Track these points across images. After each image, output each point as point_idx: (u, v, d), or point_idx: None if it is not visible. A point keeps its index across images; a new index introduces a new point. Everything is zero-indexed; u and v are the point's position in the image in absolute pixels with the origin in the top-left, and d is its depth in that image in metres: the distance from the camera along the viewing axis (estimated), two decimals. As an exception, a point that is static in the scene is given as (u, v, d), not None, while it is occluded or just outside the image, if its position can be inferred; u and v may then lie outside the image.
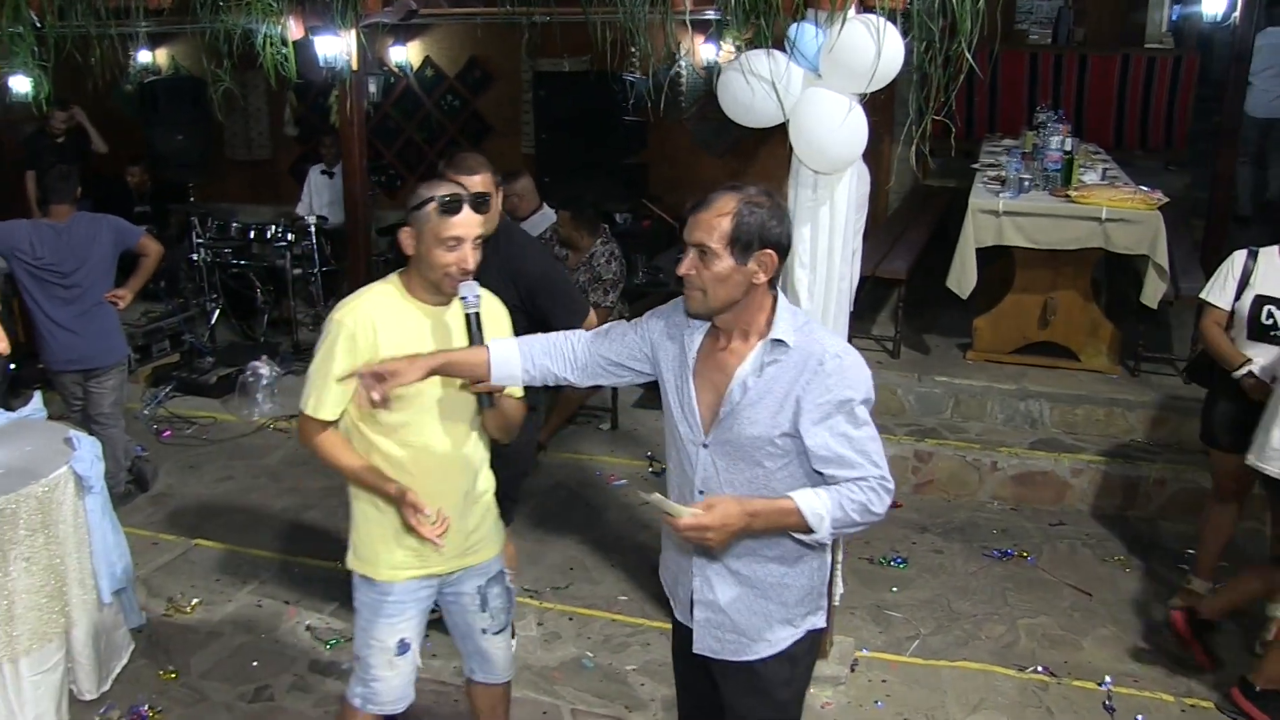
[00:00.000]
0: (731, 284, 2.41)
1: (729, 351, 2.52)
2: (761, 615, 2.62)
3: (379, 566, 3.04)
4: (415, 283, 2.93)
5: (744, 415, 2.47)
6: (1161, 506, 5.66)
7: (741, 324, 2.50)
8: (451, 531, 2.96)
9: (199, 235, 8.32)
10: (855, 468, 2.41)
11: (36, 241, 5.25)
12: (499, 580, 3.21)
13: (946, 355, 6.66)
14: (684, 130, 9.49)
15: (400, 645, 3.09)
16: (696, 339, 2.57)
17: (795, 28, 3.38)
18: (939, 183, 8.97)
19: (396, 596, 3.05)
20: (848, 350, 2.49)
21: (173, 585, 4.98)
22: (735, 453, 2.50)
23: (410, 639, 3.11)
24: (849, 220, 3.60)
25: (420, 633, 3.17)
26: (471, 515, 3.08)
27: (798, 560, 2.59)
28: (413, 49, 10.31)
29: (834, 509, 2.39)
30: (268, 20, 5.71)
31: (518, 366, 2.71)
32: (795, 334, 2.45)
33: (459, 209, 2.76)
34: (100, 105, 9.01)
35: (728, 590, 2.61)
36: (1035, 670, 4.36)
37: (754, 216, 2.39)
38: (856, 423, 2.42)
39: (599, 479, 6.08)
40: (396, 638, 3.08)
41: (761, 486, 2.50)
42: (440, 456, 2.98)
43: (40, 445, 4.06)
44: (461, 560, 3.10)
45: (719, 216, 2.40)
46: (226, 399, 7.26)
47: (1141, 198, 6.04)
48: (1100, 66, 9.30)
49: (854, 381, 2.43)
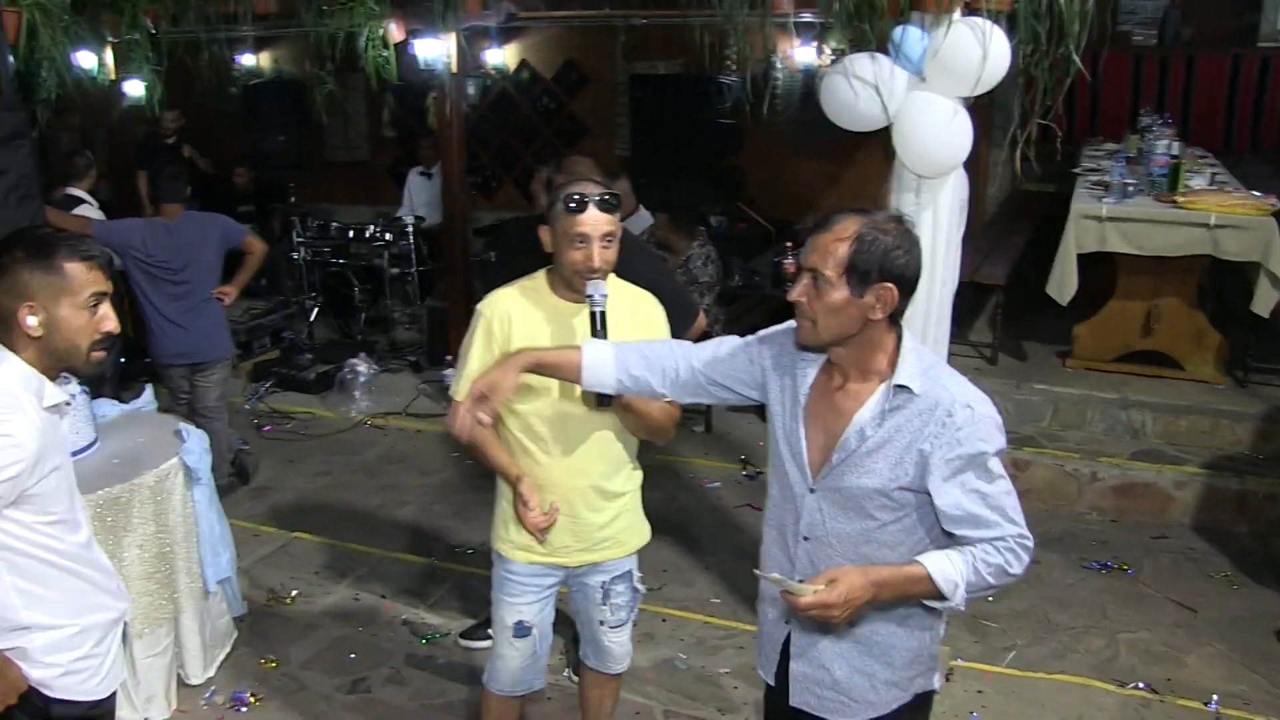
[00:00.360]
0: (845, 317, 2.21)
1: (845, 392, 2.32)
2: (865, 675, 2.41)
3: (503, 542, 3.16)
4: (557, 279, 2.98)
5: (860, 465, 2.28)
6: (1272, 522, 5.48)
7: (859, 362, 2.29)
8: (578, 527, 3.05)
9: (299, 234, 8.51)
10: (991, 527, 2.22)
11: (149, 239, 5.42)
12: (626, 579, 3.24)
13: (1045, 363, 6.54)
14: (779, 133, 9.45)
15: (518, 627, 3.18)
16: (810, 374, 2.38)
17: (900, 30, 3.36)
18: (1038, 187, 8.78)
19: (518, 576, 3.15)
20: (980, 399, 2.28)
21: (273, 577, 5.10)
22: (845, 502, 2.32)
23: (530, 623, 3.19)
24: (951, 225, 3.56)
25: (544, 621, 3.23)
26: (602, 513, 3.10)
27: (908, 619, 2.38)
28: (509, 51, 10.43)
29: (969, 573, 2.21)
30: (370, 23, 5.83)
31: (610, 374, 2.58)
32: (921, 379, 2.24)
33: (584, 208, 2.79)
34: (206, 108, 9.26)
35: (830, 644, 2.42)
36: (1136, 686, 4.26)
37: (876, 245, 2.17)
38: (990, 478, 2.23)
39: (692, 481, 6.09)
40: (515, 618, 3.18)
41: (871, 538, 2.32)
42: (567, 449, 3.02)
43: (151, 437, 4.20)
44: (587, 555, 3.14)
45: (837, 241, 2.19)
46: (325, 395, 7.42)
47: (1254, 203, 5.88)
48: (1209, 67, 9.04)
49: (986, 433, 2.23)
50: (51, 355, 2.38)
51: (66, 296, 2.34)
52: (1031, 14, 3.37)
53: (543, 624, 3.24)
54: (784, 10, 4.22)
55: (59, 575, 2.44)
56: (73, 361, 2.41)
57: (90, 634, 2.51)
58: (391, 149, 11.14)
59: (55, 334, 2.35)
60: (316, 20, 5.85)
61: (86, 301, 2.37)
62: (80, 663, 2.49)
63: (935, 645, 2.49)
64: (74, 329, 2.36)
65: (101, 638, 2.55)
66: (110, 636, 2.60)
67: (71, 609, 2.47)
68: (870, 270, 2.17)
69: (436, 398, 7.31)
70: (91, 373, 2.49)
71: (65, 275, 2.34)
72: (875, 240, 2.18)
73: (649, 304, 3.10)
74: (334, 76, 5.82)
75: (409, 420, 7.07)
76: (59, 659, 2.45)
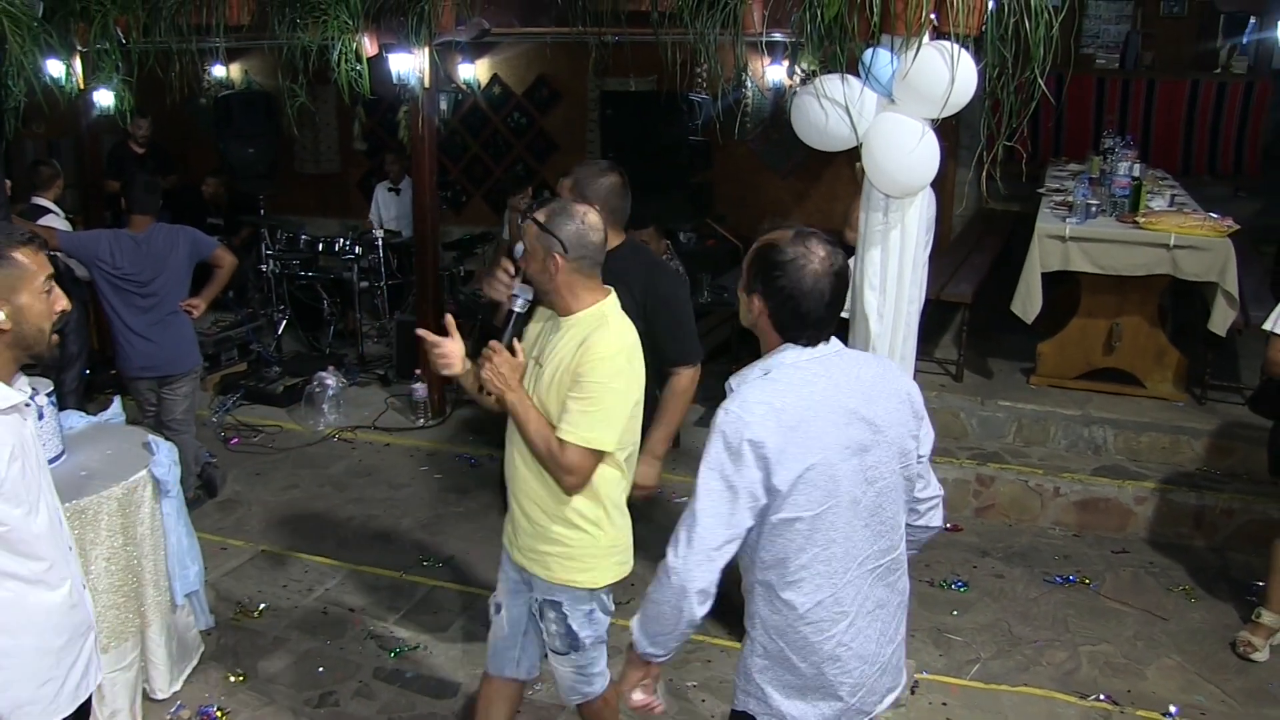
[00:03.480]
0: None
1: None
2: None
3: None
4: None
5: None
6: (1228, 537, 5.58)
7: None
8: (516, 519, 3.17)
9: (268, 247, 8.49)
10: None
11: (117, 251, 5.38)
12: (555, 609, 3.15)
13: (1010, 379, 6.63)
14: (749, 150, 9.53)
15: (495, 605, 3.33)
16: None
17: (870, 52, 3.41)
18: (1003, 207, 8.90)
19: (501, 559, 3.29)
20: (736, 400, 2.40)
21: (240, 590, 5.08)
22: None
23: (501, 604, 3.30)
24: (919, 243, 3.62)
25: (514, 609, 3.29)
26: (536, 521, 3.09)
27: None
28: (481, 67, 10.46)
29: None
30: (344, 37, 5.85)
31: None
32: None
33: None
34: (177, 118, 9.23)
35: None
36: (1098, 698, 4.32)
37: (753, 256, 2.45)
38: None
39: (660, 496, 6.10)
40: (494, 598, 3.35)
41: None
42: (512, 450, 3.13)
43: (119, 449, 4.18)
44: (520, 557, 3.18)
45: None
46: (293, 408, 7.39)
47: (1211, 224, 5.99)
48: (1169, 91, 9.21)
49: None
50: (20, 344, 2.42)
51: (24, 284, 2.39)
52: (998, 38, 3.44)
53: (513, 613, 3.28)
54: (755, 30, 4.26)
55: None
56: (39, 346, 2.44)
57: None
58: (362, 162, 11.13)
59: (22, 323, 2.39)
60: (289, 33, 5.85)
61: (42, 286, 2.42)
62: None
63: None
64: (37, 314, 2.41)
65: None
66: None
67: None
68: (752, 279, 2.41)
69: (405, 411, 7.31)
70: (53, 355, 2.52)
71: (18, 264, 2.38)
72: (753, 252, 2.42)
73: (607, 341, 2.94)
74: (305, 89, 5.82)
75: (377, 434, 7.06)
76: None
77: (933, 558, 5.42)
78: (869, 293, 3.61)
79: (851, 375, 2.39)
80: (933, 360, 6.80)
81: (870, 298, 3.60)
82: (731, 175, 9.57)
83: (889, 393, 2.43)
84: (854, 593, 2.40)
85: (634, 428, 3.05)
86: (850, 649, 2.42)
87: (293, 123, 6.20)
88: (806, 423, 2.29)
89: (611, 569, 3.19)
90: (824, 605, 2.38)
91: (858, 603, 2.41)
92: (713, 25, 4.07)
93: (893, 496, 2.43)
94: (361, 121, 10.88)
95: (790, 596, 2.38)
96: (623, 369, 2.91)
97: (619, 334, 2.97)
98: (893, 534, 2.46)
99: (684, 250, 7.98)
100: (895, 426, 2.41)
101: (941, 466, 5.95)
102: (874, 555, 2.41)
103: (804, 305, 2.32)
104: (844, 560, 2.37)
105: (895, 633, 2.52)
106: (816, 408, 2.31)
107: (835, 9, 3.46)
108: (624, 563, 3.24)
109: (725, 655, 4.55)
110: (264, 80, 10.67)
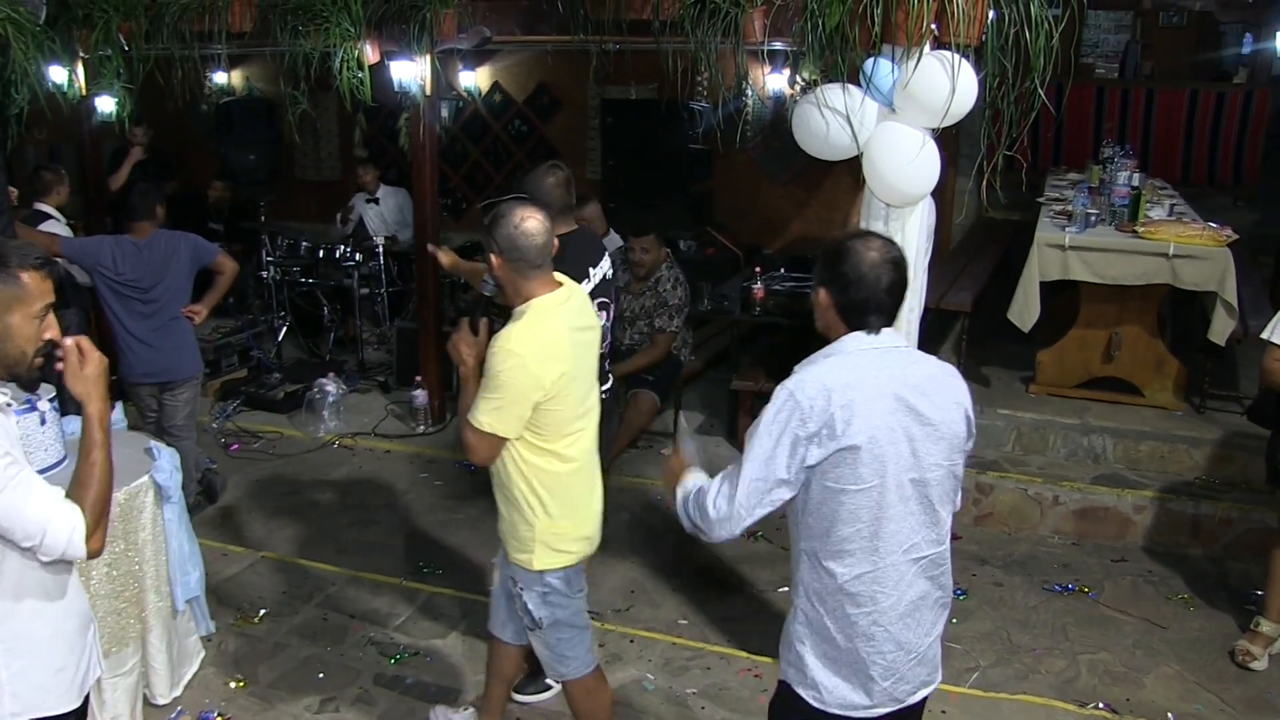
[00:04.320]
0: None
1: None
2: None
3: None
4: None
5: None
6: (1227, 546, 5.59)
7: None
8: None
9: (269, 253, 8.50)
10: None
11: (119, 257, 5.39)
12: (514, 584, 3.40)
13: (1009, 388, 6.63)
14: (749, 159, 9.55)
15: (494, 564, 3.65)
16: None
17: (870, 62, 3.43)
18: (1003, 215, 8.91)
19: None
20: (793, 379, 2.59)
21: (241, 596, 5.08)
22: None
23: (496, 565, 3.61)
24: (918, 252, 3.63)
25: (499, 575, 3.60)
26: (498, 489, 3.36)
27: None
28: (482, 74, 10.47)
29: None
30: (345, 44, 5.86)
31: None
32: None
33: None
34: (179, 124, 9.25)
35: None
36: (1097, 706, 4.32)
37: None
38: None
39: (658, 503, 6.12)
40: (496, 557, 3.63)
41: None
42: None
43: (121, 454, 4.11)
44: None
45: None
46: (293, 415, 7.40)
47: (1210, 234, 6.00)
48: (1168, 101, 9.24)
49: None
50: (1, 362, 2.40)
51: (20, 305, 2.37)
52: (998, 48, 3.46)
53: (498, 578, 3.56)
54: (756, 39, 4.28)
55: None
56: (19, 369, 2.43)
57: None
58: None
59: (6, 341, 2.38)
60: (291, 40, 5.87)
61: (38, 312, 2.41)
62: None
63: None
64: (24, 337, 2.39)
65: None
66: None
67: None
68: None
69: (405, 418, 7.31)
70: (32, 379, 2.49)
71: (20, 285, 2.37)
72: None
73: (513, 335, 3.16)
74: (307, 96, 5.83)
75: (377, 440, 7.06)
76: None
77: (932, 566, 5.43)
78: (869, 301, 3.62)
79: (907, 368, 2.52)
80: (932, 368, 6.79)
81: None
82: (732, 184, 9.59)
83: (943, 392, 2.55)
84: (896, 577, 2.49)
85: (555, 422, 3.18)
86: (887, 631, 2.50)
87: (294, 129, 6.22)
88: (856, 403, 2.40)
89: (550, 555, 3.31)
90: (863, 580, 2.48)
91: (900, 589, 2.50)
92: (714, 34, 4.09)
93: (940, 492, 2.53)
94: (363, 129, 10.89)
95: (832, 565, 2.50)
96: (520, 364, 3.06)
97: (530, 329, 3.13)
98: (939, 528, 2.55)
99: (684, 258, 7.98)
100: (947, 425, 2.52)
101: (941, 475, 5.95)
102: (919, 545, 2.51)
103: (863, 291, 2.47)
104: (888, 541, 2.47)
105: (933, 626, 2.61)
106: (867, 390, 2.43)
107: (836, 19, 3.48)
108: (568, 553, 3.36)
109: (725, 663, 4.56)
110: (265, 87, 10.69)
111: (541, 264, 3.17)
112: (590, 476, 3.41)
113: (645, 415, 6.41)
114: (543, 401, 3.11)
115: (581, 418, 3.28)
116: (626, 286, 6.42)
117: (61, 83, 6.27)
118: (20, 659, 2.43)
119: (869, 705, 2.53)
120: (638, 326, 6.41)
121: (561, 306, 3.22)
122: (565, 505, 3.29)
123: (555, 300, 3.21)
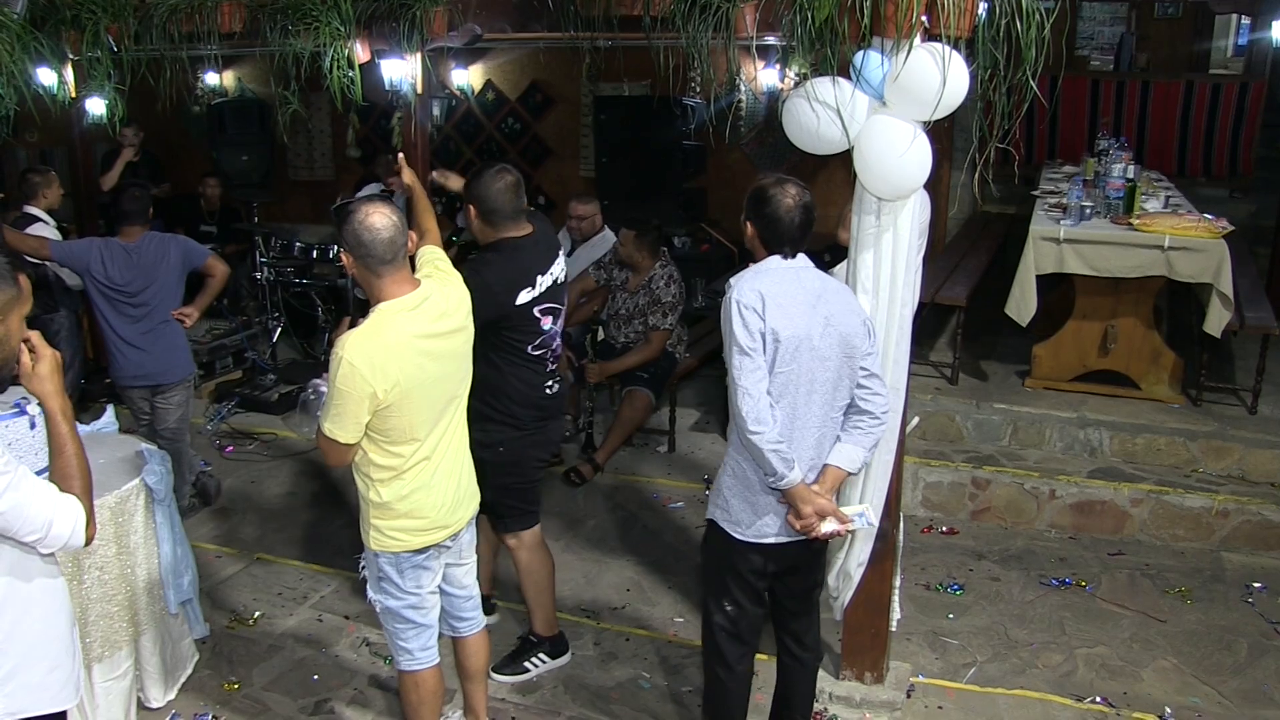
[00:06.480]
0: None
1: None
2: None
3: None
4: None
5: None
6: (1224, 538, 5.58)
7: None
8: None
9: (262, 254, 8.47)
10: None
11: (108, 260, 5.36)
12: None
13: (1005, 382, 6.62)
14: (743, 155, 9.53)
15: None
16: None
17: (860, 55, 3.40)
18: (998, 209, 8.93)
19: None
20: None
21: (235, 598, 5.07)
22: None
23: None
24: (911, 246, 3.61)
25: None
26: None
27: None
28: (474, 72, 10.45)
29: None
30: (335, 44, 5.83)
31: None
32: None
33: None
34: (170, 126, 9.22)
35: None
36: (1094, 700, 4.31)
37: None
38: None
39: (656, 501, 6.11)
40: None
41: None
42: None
43: (113, 458, 4.16)
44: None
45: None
46: (287, 416, 7.37)
47: (1206, 226, 5.99)
48: (1163, 93, 9.23)
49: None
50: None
51: (18, 309, 2.40)
52: (990, 40, 3.43)
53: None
54: (747, 34, 4.25)
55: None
56: (4, 371, 2.44)
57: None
58: (356, 169, 11.10)
59: (4, 345, 2.39)
60: (281, 40, 5.84)
61: (26, 314, 2.44)
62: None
63: None
64: (15, 340, 2.42)
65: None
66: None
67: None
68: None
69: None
70: (3, 383, 2.49)
71: (20, 289, 2.40)
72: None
73: (346, 340, 3.14)
74: (298, 96, 5.80)
75: (372, 440, 7.03)
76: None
77: (928, 561, 5.43)
78: (862, 296, 3.59)
79: (816, 282, 3.27)
80: (928, 363, 6.80)
81: (863, 300, 3.59)
82: (725, 179, 9.56)
83: (841, 301, 3.30)
84: (800, 444, 3.25)
85: (397, 429, 3.20)
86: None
87: (286, 130, 6.18)
88: (784, 305, 3.15)
89: (381, 538, 3.37)
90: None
91: (804, 448, 3.28)
92: (705, 29, 4.05)
93: (838, 375, 3.26)
94: (355, 128, 10.87)
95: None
96: (351, 371, 3.05)
97: (367, 336, 3.12)
98: (836, 406, 3.31)
99: (678, 255, 7.96)
100: (845, 324, 3.24)
101: (937, 470, 5.95)
102: (823, 418, 3.29)
103: (781, 227, 3.25)
104: (801, 411, 3.23)
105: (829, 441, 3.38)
106: (791, 295, 3.19)
107: (825, 12, 3.44)
108: (396, 540, 3.37)
109: (721, 660, 4.53)
110: (257, 88, 10.67)
111: (390, 260, 3.15)
112: (439, 471, 3.38)
113: (640, 413, 6.40)
114: (380, 409, 3.11)
115: (434, 424, 3.29)
116: (624, 284, 6.40)
117: (50, 85, 6.23)
118: (12, 658, 2.42)
119: (776, 534, 3.33)
120: (632, 324, 6.39)
121: (411, 312, 3.20)
122: (396, 494, 3.31)
123: (403, 305, 3.19)
